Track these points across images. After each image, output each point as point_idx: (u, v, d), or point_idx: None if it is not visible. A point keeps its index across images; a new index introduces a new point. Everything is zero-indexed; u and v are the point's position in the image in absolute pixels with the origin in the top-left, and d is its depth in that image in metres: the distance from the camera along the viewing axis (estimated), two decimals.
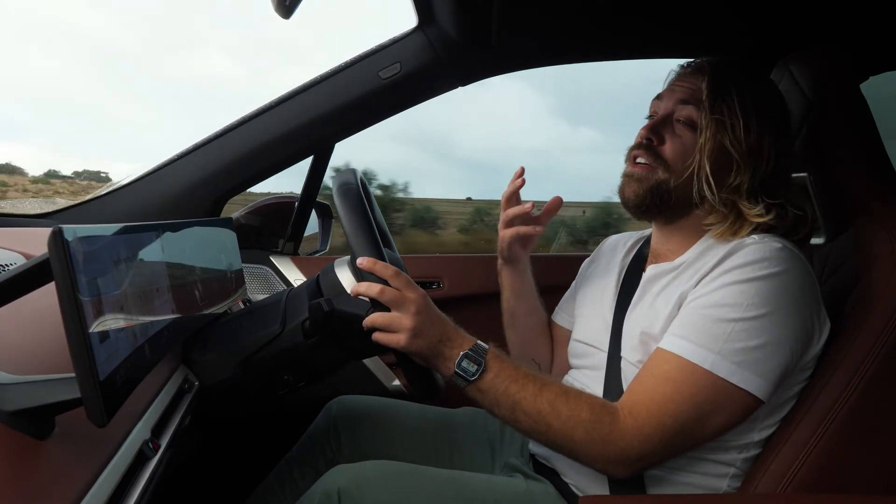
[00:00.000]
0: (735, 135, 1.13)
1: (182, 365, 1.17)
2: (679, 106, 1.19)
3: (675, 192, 1.17)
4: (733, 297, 1.02)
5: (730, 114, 1.14)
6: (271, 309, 1.24)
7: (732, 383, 1.00)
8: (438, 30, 1.65)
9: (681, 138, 1.17)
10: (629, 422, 1.02)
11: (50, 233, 0.61)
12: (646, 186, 1.18)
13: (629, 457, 1.02)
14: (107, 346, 0.67)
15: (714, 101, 1.14)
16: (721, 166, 1.14)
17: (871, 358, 1.05)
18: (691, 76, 1.21)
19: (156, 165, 1.80)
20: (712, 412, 1.01)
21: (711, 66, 1.20)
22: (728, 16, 1.51)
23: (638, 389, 1.05)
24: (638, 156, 1.20)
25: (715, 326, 1.02)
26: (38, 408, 0.66)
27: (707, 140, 1.14)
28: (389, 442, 1.41)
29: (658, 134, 1.19)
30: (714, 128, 1.14)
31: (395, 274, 1.09)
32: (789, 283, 1.03)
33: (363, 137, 1.84)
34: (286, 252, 1.98)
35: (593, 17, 1.57)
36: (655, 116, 1.22)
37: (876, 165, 1.21)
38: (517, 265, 1.41)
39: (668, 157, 1.17)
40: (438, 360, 1.08)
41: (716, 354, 1.00)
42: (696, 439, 1.04)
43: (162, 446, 0.88)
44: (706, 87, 1.16)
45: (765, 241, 1.07)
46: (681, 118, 1.18)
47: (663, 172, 1.17)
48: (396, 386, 1.92)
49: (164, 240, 0.96)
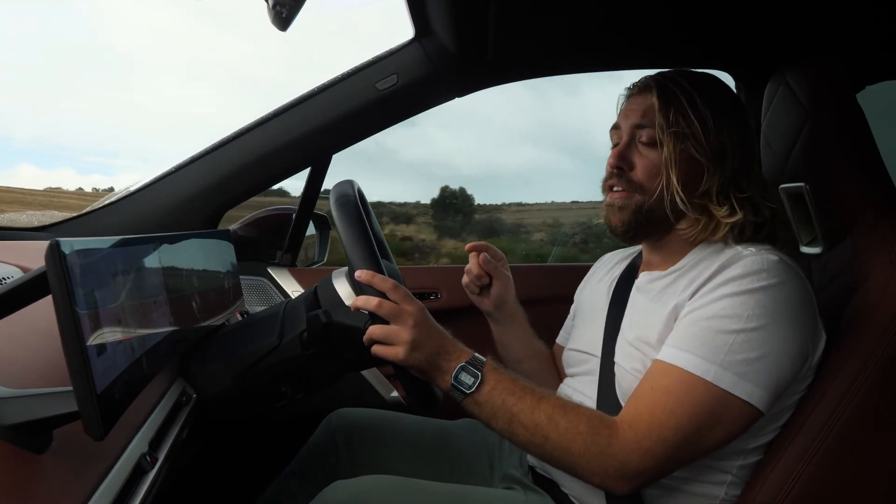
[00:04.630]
0: (697, 141, 1.14)
1: (179, 377, 1.16)
2: (636, 130, 1.19)
3: (654, 211, 1.17)
4: (733, 309, 1.02)
5: (686, 123, 1.14)
6: (269, 321, 1.24)
7: (735, 395, 1.00)
8: (435, 42, 1.66)
9: (647, 158, 1.18)
10: (629, 435, 1.01)
11: (47, 246, 0.61)
12: (628, 212, 1.18)
13: (629, 471, 1.01)
14: (104, 359, 0.67)
15: (667, 115, 1.15)
16: (691, 175, 1.14)
17: (870, 367, 1.05)
18: (639, 97, 1.21)
19: (154, 178, 1.81)
20: (714, 424, 1.01)
21: (656, 81, 1.20)
22: (725, 27, 1.52)
23: (638, 403, 1.05)
24: (613, 185, 1.20)
25: (716, 338, 1.01)
26: (35, 421, 0.66)
27: (670, 154, 1.14)
28: (388, 455, 1.41)
29: (625, 160, 1.19)
30: (674, 141, 1.14)
31: (394, 287, 1.09)
32: (787, 295, 1.03)
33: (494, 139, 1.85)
34: (284, 264, 1.98)
35: (589, 30, 1.58)
36: (619, 144, 1.22)
37: (872, 175, 1.21)
38: (495, 318, 1.42)
39: (641, 179, 1.17)
40: (436, 372, 1.07)
41: (717, 366, 1.00)
42: (697, 452, 1.04)
43: (159, 459, 0.88)
44: (656, 103, 1.16)
45: (761, 254, 1.07)
46: (642, 139, 1.18)
47: (640, 195, 1.17)
48: (395, 397, 1.92)
49: (162, 252, 0.96)
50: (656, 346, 1.09)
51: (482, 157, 16.77)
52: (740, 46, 1.61)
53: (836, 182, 1.22)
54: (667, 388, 1.03)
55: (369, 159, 18.12)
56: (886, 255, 1.10)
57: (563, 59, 1.84)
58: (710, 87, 1.20)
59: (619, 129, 1.23)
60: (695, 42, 1.64)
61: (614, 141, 1.25)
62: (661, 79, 1.20)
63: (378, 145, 17.35)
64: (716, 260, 1.11)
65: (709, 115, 1.15)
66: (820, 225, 1.26)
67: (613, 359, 1.19)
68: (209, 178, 1.78)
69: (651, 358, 1.09)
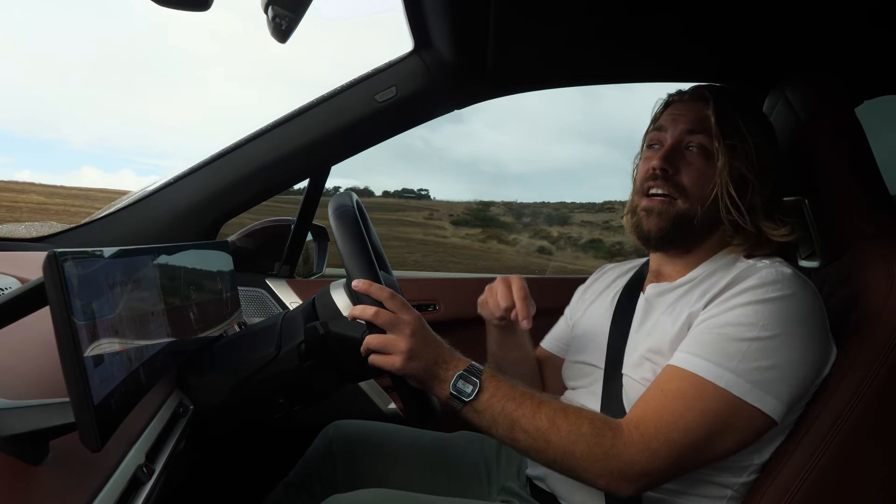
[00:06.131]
0: (748, 157, 1.15)
1: (177, 388, 1.16)
2: (687, 135, 1.19)
3: (699, 220, 1.17)
4: (748, 318, 1.02)
5: (740, 138, 1.16)
6: (267, 332, 1.24)
7: (747, 402, 0.99)
8: (434, 54, 1.66)
9: (695, 165, 1.18)
10: (635, 436, 1.00)
11: (45, 256, 0.61)
12: (667, 218, 1.18)
13: (633, 472, 1.00)
14: (101, 370, 0.67)
15: (724, 128, 1.16)
16: (739, 188, 1.15)
17: (870, 380, 1.05)
18: (691, 103, 1.22)
19: (152, 188, 1.81)
20: (723, 431, 1.01)
21: (712, 93, 1.21)
22: (725, 42, 1.53)
23: (646, 405, 1.05)
24: (652, 187, 1.19)
25: (730, 345, 1.01)
26: (32, 432, 0.65)
27: (724, 165, 1.15)
28: (386, 467, 1.40)
29: (672, 163, 1.19)
30: (728, 153, 1.15)
31: (391, 296, 1.09)
32: (800, 307, 1.04)
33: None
34: (282, 275, 1.98)
35: (587, 43, 1.59)
36: (660, 146, 1.22)
37: (871, 189, 1.22)
38: (502, 328, 1.37)
39: (687, 186, 1.17)
40: (434, 382, 1.07)
41: (731, 373, 1.00)
42: (704, 459, 1.03)
43: (156, 471, 0.88)
44: (713, 114, 1.17)
45: (775, 266, 1.08)
46: (692, 146, 1.19)
47: (684, 202, 1.17)
48: (392, 409, 1.91)
49: (160, 263, 0.96)
50: (668, 356, 1.09)
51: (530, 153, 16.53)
52: (739, 60, 1.62)
53: (835, 196, 1.22)
54: (677, 392, 1.02)
55: (418, 157, 17.87)
56: (885, 268, 1.11)
57: (562, 72, 1.84)
58: (754, 110, 1.23)
59: (663, 132, 1.22)
60: (694, 55, 1.64)
61: (651, 141, 1.25)
62: (716, 90, 1.22)
63: (426, 143, 17.22)
64: (729, 271, 1.11)
65: (758, 134, 1.17)
66: (819, 239, 1.26)
67: (621, 370, 1.18)
68: (208, 189, 1.78)
69: (662, 366, 1.09)
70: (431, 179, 15.08)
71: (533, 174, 16.51)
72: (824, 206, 1.23)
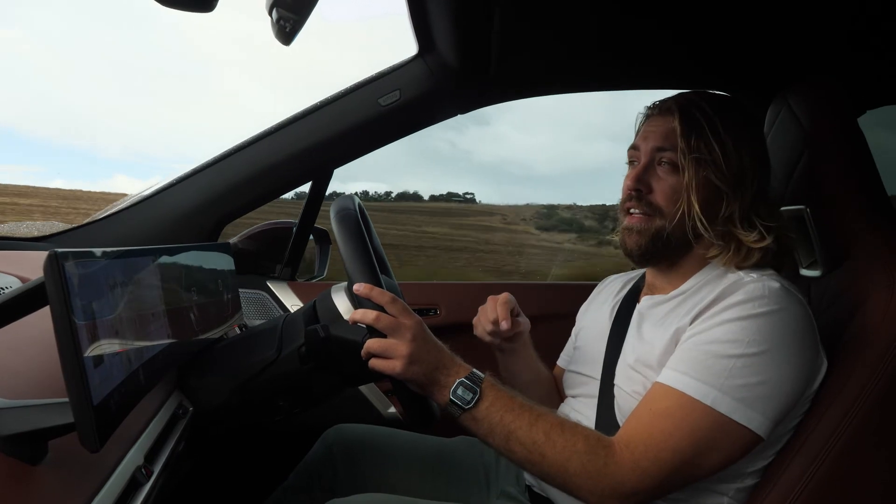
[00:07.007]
0: (717, 167, 1.13)
1: (177, 390, 1.16)
2: (657, 152, 1.18)
3: (673, 236, 1.17)
4: (734, 334, 1.02)
5: (707, 149, 1.13)
6: (268, 334, 1.24)
7: (734, 420, 0.99)
8: (438, 58, 1.66)
9: (666, 181, 1.17)
10: (625, 455, 1.01)
11: (46, 256, 0.61)
12: (646, 236, 1.18)
13: (624, 491, 1.00)
14: (101, 370, 0.67)
15: (689, 141, 1.14)
16: (710, 200, 1.14)
17: (868, 390, 1.05)
18: (660, 118, 1.20)
19: (155, 189, 1.81)
20: (711, 449, 1.01)
21: (678, 104, 1.19)
22: (728, 50, 1.53)
23: (636, 424, 1.05)
24: (631, 207, 1.20)
25: (716, 362, 1.01)
26: (30, 432, 0.66)
27: (691, 179, 1.13)
28: (386, 471, 1.40)
29: (644, 182, 1.18)
30: (695, 166, 1.13)
31: (392, 300, 1.08)
32: (788, 322, 1.03)
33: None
34: (283, 277, 1.98)
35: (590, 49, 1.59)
36: (637, 163, 1.22)
37: (872, 198, 1.21)
38: (505, 351, 1.37)
39: (661, 203, 1.17)
40: (434, 387, 1.07)
41: (717, 391, 1.00)
42: (693, 476, 1.03)
43: (155, 472, 0.87)
44: (678, 127, 1.15)
45: (762, 280, 1.07)
46: (662, 162, 1.18)
47: (660, 219, 1.17)
48: (392, 413, 1.91)
49: (161, 264, 0.96)
50: (657, 370, 1.09)
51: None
52: (742, 69, 1.62)
53: (836, 205, 1.22)
54: (665, 411, 1.02)
55: (445, 160, 17.86)
56: (886, 278, 1.10)
57: (565, 77, 1.84)
58: (731, 112, 1.19)
59: (638, 150, 1.22)
60: (697, 63, 1.65)
61: (630, 159, 1.24)
62: (683, 101, 1.19)
63: (452, 146, 17.21)
64: (718, 285, 1.10)
65: (730, 141, 1.14)
66: (820, 248, 1.26)
67: (613, 381, 1.18)
68: (210, 191, 1.78)
69: (651, 381, 1.09)
70: (461, 182, 15.13)
71: (559, 175, 16.49)
72: (825, 214, 1.23)
